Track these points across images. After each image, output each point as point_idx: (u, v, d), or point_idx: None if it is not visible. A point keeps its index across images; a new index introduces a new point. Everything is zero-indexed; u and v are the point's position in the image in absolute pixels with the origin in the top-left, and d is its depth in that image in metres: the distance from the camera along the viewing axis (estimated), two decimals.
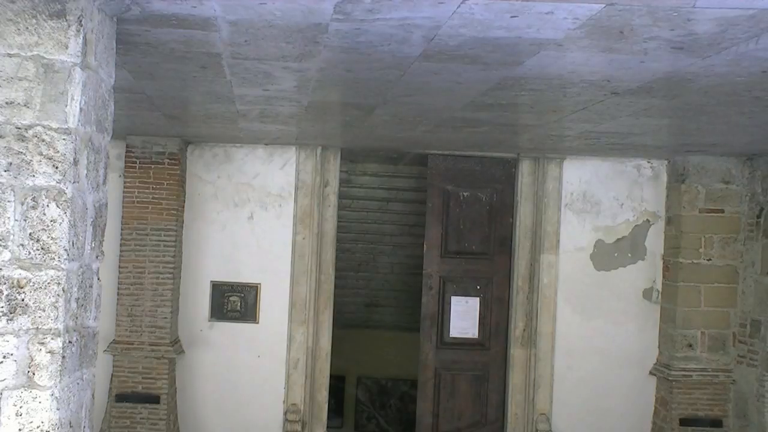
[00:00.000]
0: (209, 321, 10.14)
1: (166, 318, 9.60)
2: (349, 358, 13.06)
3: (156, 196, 9.58)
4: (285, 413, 10.14)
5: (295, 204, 10.16)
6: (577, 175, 10.30)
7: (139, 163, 9.52)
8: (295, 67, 5.35)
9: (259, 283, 10.15)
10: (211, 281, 10.11)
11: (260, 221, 10.15)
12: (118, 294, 9.54)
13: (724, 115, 6.78)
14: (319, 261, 10.27)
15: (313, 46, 4.72)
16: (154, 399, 9.51)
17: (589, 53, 4.73)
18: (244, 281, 10.12)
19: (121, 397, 9.50)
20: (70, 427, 3.75)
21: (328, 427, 10.64)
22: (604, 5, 3.76)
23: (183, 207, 9.94)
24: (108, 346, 9.45)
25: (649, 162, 10.27)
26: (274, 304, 10.15)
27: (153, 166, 9.58)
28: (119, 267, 9.56)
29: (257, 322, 10.15)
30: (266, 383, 10.14)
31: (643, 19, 3.97)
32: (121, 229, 9.57)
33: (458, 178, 10.47)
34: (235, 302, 10.10)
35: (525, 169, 10.32)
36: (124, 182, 9.62)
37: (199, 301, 10.12)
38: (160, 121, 8.22)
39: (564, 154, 10.15)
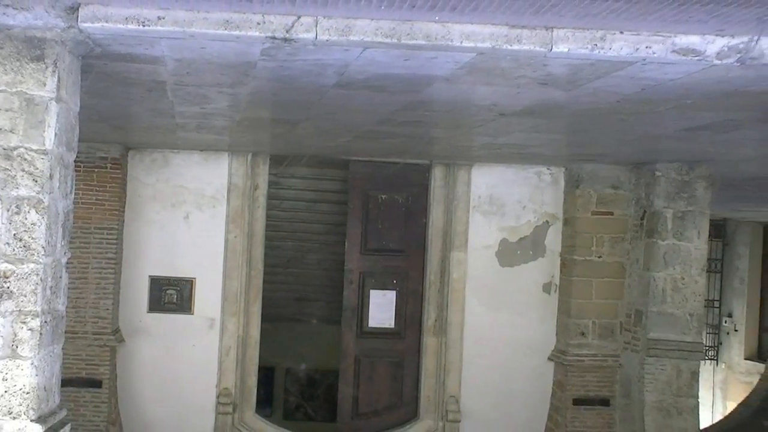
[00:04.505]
0: (148, 312, 10.66)
1: (108, 309, 10.17)
2: (279, 350, 13.54)
3: (99, 197, 10.10)
4: (218, 396, 10.74)
5: (227, 205, 10.74)
6: (485, 180, 11.03)
7: (84, 167, 9.93)
8: (228, 91, 6.17)
9: (194, 278, 10.71)
10: (150, 276, 10.65)
11: (195, 221, 10.71)
12: None
13: (602, 132, 7.70)
14: (250, 257, 10.88)
15: (244, 77, 5.58)
16: (97, 384, 10.08)
17: (474, 85, 5.64)
18: (180, 276, 10.66)
19: (65, 382, 9.77)
20: (45, 390, 4.60)
21: (259, 414, 11.24)
22: (475, 54, 4.67)
23: (124, 208, 10.48)
24: None
25: (548, 169, 11.07)
26: (207, 297, 10.71)
27: (96, 169, 10.08)
28: None
29: (192, 314, 10.71)
30: (200, 369, 10.69)
31: (509, 63, 4.88)
32: None
33: (377, 182, 11.15)
34: (171, 295, 10.66)
35: (437, 174, 11.06)
36: None
37: (139, 294, 10.64)
38: (105, 130, 8.82)
39: (472, 161, 10.91)
